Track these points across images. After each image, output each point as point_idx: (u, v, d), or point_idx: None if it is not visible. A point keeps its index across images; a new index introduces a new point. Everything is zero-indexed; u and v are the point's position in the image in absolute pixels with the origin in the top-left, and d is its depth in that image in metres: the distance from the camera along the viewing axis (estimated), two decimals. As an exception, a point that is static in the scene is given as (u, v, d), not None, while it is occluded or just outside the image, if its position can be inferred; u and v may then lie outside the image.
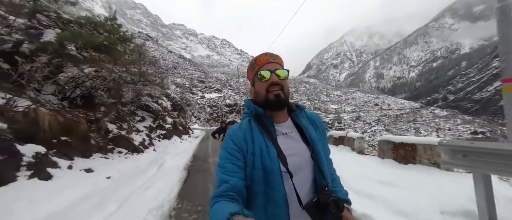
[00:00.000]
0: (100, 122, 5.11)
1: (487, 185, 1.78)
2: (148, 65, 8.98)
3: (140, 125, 8.57)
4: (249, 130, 0.75)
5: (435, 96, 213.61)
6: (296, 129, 0.78)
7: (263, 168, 0.68)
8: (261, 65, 0.77)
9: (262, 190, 0.68)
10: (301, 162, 0.72)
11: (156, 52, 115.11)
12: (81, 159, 3.98)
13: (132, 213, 2.32)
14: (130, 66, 6.37)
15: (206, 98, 78.55)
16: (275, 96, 0.73)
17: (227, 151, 0.72)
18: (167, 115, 12.14)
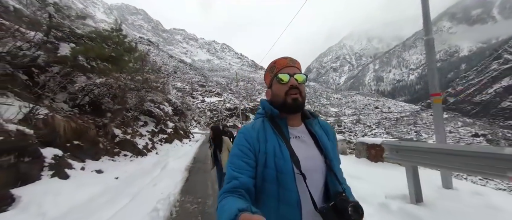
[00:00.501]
0: (107, 127, 5.44)
1: (414, 173, 2.31)
2: (151, 73, 9.41)
3: (143, 129, 8.87)
4: (262, 130, 0.75)
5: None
6: (309, 135, 0.79)
7: (276, 168, 0.68)
8: (280, 68, 0.78)
9: (274, 190, 0.67)
10: (314, 166, 0.72)
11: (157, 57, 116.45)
12: (91, 161, 4.31)
13: (143, 203, 2.68)
14: (134, 75, 6.78)
15: (207, 102, 79.06)
16: (293, 100, 0.74)
17: (239, 149, 0.72)
18: (168, 119, 12.46)
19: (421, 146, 2.34)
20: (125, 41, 6.36)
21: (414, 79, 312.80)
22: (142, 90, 7.90)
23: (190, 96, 77.81)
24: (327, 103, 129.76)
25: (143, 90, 7.92)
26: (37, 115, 3.40)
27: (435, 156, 2.07)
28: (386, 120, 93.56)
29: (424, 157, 2.18)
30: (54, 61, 4.33)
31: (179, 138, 13.06)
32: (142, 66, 8.19)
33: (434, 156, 2.08)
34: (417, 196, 2.26)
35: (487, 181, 10.92)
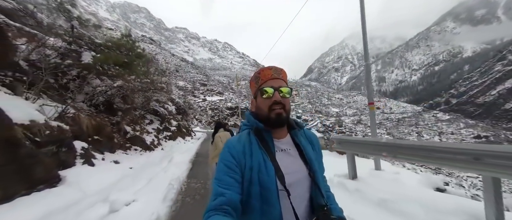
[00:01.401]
0: (120, 124, 6.14)
1: (352, 159, 3.32)
2: (157, 75, 10.10)
3: (149, 127, 9.56)
4: (248, 144, 0.75)
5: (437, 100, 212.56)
6: (294, 146, 0.79)
7: (260, 184, 0.68)
8: (264, 80, 0.77)
9: (258, 206, 0.67)
10: (299, 180, 0.72)
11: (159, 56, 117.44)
12: (109, 153, 4.99)
13: (159, 182, 3.46)
14: (142, 77, 7.47)
15: (208, 101, 79.74)
16: (277, 115, 0.73)
17: (225, 164, 0.71)
18: (172, 118, 13.18)
19: (359, 140, 3.81)
20: (136, 46, 7.05)
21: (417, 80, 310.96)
22: (149, 91, 8.58)
23: (191, 95, 78.58)
24: (329, 103, 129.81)
25: (150, 91, 8.60)
26: (68, 113, 4.08)
27: (359, 146, 3.33)
28: (388, 120, 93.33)
29: (355, 147, 3.38)
30: (79, 67, 5.02)
31: (182, 135, 13.78)
32: (148, 68, 8.86)
33: (359, 145, 3.35)
34: (353, 174, 3.30)
35: (404, 165, 12.86)
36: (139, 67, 7.21)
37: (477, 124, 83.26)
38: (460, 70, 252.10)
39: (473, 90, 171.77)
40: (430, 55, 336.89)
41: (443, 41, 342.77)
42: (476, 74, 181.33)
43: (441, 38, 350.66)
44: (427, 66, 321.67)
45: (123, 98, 7.45)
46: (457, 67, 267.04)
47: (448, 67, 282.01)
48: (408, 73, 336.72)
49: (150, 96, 9.18)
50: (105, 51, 5.58)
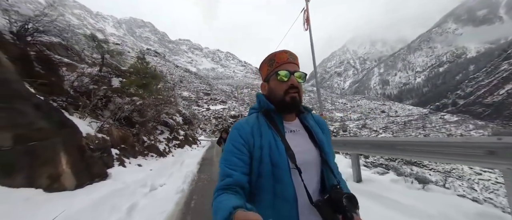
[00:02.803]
0: (139, 135, 7.34)
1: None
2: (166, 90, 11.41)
3: (161, 137, 10.74)
4: (257, 124, 0.74)
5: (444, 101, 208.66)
6: (304, 128, 0.79)
7: (271, 163, 0.67)
8: (280, 63, 0.75)
9: (270, 185, 0.66)
10: (309, 159, 0.72)
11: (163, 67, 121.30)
12: (133, 158, 6.12)
13: (178, 175, 4.89)
14: (156, 94, 8.75)
15: (212, 110, 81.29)
16: (292, 99, 0.73)
17: (233, 145, 0.71)
18: (180, 128, 14.38)
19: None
20: (150, 67, 8.38)
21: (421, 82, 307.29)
22: (160, 105, 9.83)
23: (196, 105, 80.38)
24: (332, 108, 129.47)
25: (161, 105, 9.85)
26: (104, 127, 5.27)
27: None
28: (394, 124, 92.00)
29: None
30: (111, 91, 6.30)
31: (189, 144, 14.93)
32: (156, 86, 10.18)
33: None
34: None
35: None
36: (153, 86, 8.50)
37: (487, 125, 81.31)
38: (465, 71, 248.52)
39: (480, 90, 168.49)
40: (433, 56, 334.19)
41: (445, 42, 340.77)
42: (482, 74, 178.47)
43: (444, 40, 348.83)
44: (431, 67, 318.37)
45: (140, 112, 8.69)
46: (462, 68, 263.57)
47: (452, 68, 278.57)
48: (412, 76, 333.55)
49: (160, 109, 10.43)
50: (128, 76, 6.90)
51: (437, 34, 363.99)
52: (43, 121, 3.06)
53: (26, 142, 2.78)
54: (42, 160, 2.91)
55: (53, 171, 3.02)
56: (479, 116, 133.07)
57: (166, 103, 10.56)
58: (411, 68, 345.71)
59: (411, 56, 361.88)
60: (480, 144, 1.86)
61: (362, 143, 3.41)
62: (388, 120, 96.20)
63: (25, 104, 2.94)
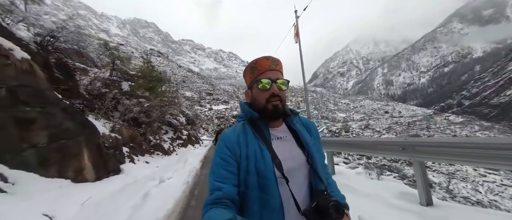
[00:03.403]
0: (146, 135, 7.88)
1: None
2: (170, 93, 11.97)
3: (165, 136, 11.28)
4: (243, 134, 0.74)
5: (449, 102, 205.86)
6: (290, 133, 0.77)
7: (257, 173, 0.66)
8: (261, 71, 0.74)
9: (256, 196, 0.65)
10: (297, 166, 0.70)
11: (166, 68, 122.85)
12: (141, 156, 6.65)
13: (183, 171, 5.18)
14: (161, 96, 9.29)
15: (214, 110, 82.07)
16: (274, 107, 0.72)
17: (220, 157, 0.70)
18: (183, 128, 14.94)
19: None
20: (156, 72, 8.93)
21: (426, 82, 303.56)
22: (165, 106, 10.38)
23: (198, 105, 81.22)
24: (335, 108, 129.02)
25: (166, 106, 10.40)
26: (116, 127, 5.80)
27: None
28: (397, 124, 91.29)
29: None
30: (121, 94, 6.85)
31: (192, 143, 15.47)
32: (161, 88, 10.72)
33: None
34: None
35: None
36: (158, 89, 9.04)
37: (493, 126, 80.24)
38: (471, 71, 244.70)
39: (486, 91, 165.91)
40: (438, 56, 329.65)
41: (450, 42, 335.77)
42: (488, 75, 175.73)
43: (449, 40, 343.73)
44: (435, 68, 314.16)
45: (146, 113, 9.24)
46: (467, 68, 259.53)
47: (458, 68, 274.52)
48: (416, 76, 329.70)
49: (165, 110, 10.98)
50: (136, 79, 7.47)
51: (442, 34, 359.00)
52: (69, 122, 3.59)
53: (57, 140, 3.30)
54: (69, 156, 3.43)
55: (77, 165, 3.54)
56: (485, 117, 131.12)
57: (170, 104, 11.10)
58: (415, 68, 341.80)
59: (416, 56, 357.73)
60: (397, 143, 2.62)
61: (332, 143, 4.09)
62: (391, 120, 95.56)
63: (55, 108, 3.46)
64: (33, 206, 2.24)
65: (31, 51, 4.39)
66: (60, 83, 4.98)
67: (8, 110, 2.85)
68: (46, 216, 2.19)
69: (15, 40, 4.16)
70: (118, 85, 7.06)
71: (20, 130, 2.92)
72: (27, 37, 4.88)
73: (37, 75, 3.40)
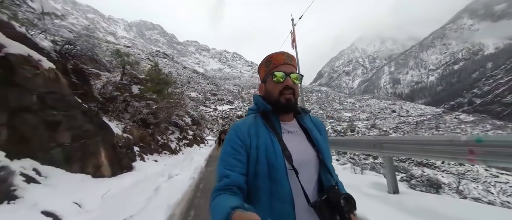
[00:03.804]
0: (154, 135, 8.34)
1: None
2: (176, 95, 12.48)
3: (172, 137, 11.78)
4: (254, 125, 0.75)
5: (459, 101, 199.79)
6: (301, 129, 0.79)
7: (267, 163, 0.68)
8: (276, 65, 0.76)
9: (267, 186, 0.67)
10: (306, 160, 0.72)
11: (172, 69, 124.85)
12: (150, 155, 7.10)
13: (189, 169, 5.47)
14: (168, 98, 9.77)
15: (219, 110, 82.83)
16: (286, 100, 0.73)
17: (230, 145, 0.71)
18: (189, 129, 15.46)
19: None
20: (163, 75, 9.41)
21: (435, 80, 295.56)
22: (171, 108, 10.85)
23: (203, 105, 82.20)
24: (340, 107, 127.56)
25: (172, 108, 10.87)
26: (127, 128, 6.25)
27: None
28: (405, 124, 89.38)
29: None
30: (132, 97, 7.33)
31: (197, 143, 15.97)
32: (168, 90, 11.21)
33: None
34: None
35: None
36: (165, 91, 9.51)
37: (506, 125, 77.50)
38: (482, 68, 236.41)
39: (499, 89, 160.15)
40: (448, 54, 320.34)
41: (460, 39, 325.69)
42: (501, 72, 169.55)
43: (459, 36, 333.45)
44: (445, 65, 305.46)
45: (153, 114, 9.72)
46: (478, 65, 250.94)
47: (468, 66, 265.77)
48: (424, 74, 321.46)
49: (172, 111, 11.46)
50: (145, 83, 7.96)
51: (452, 30, 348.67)
52: (88, 124, 4.01)
53: (79, 140, 3.72)
54: (89, 154, 3.85)
55: (96, 162, 3.96)
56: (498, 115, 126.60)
57: (176, 106, 11.57)
58: (423, 66, 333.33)
59: (424, 53, 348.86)
60: (370, 141, 3.06)
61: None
62: (399, 120, 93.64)
63: (77, 112, 3.89)
64: (64, 195, 2.64)
65: (52, 59, 4.87)
66: (77, 88, 5.46)
67: (39, 114, 3.28)
68: (76, 203, 2.58)
69: (39, 49, 4.64)
70: (129, 88, 7.55)
71: (49, 131, 3.35)
72: (48, 46, 5.37)
73: (61, 82, 3.84)
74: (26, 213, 1.98)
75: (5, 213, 1.87)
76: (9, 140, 2.83)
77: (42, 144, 3.22)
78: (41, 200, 2.25)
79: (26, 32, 4.88)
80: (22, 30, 4.77)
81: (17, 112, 3.03)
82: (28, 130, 3.08)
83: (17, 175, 2.34)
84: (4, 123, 2.85)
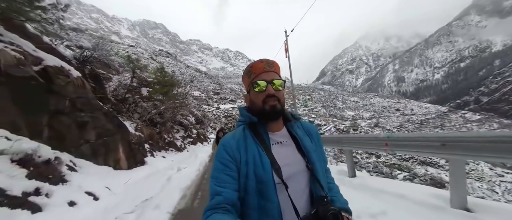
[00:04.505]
0: (161, 133, 9.02)
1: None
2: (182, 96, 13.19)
3: (177, 135, 12.49)
4: (243, 139, 0.74)
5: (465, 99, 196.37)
6: (291, 139, 0.77)
7: (256, 179, 0.66)
8: (257, 74, 0.75)
9: (255, 202, 0.65)
10: (297, 172, 0.70)
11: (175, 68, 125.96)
12: (158, 152, 7.79)
13: (194, 163, 6.18)
14: (173, 99, 10.47)
15: (222, 109, 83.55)
16: (271, 107, 0.72)
17: (220, 162, 0.70)
18: (193, 127, 16.18)
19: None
20: (168, 77, 10.08)
21: (440, 78, 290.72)
22: (177, 108, 11.53)
23: (206, 104, 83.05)
24: (343, 106, 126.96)
25: (177, 108, 11.55)
26: (138, 127, 6.93)
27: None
28: (409, 122, 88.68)
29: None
30: (141, 99, 8.01)
31: (201, 141, 16.68)
32: (176, 91, 11.88)
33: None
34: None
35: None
36: (171, 93, 10.18)
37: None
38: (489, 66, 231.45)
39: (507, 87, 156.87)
40: (454, 51, 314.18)
41: (467, 36, 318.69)
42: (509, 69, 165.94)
43: (465, 33, 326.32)
44: (451, 63, 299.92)
45: (160, 114, 10.41)
46: (486, 63, 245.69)
47: (475, 63, 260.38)
48: (429, 72, 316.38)
49: (177, 111, 12.15)
50: (153, 85, 8.66)
51: (458, 27, 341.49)
52: (109, 124, 4.67)
53: (102, 137, 4.38)
54: (110, 149, 4.51)
55: (115, 156, 4.62)
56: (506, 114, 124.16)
57: (181, 106, 12.25)
58: (429, 64, 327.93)
59: (429, 51, 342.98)
60: (334, 138, 3.82)
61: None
62: (403, 118, 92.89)
63: (99, 113, 4.55)
64: (96, 181, 3.29)
65: (74, 66, 5.53)
66: (95, 91, 6.14)
67: (71, 116, 3.94)
68: (107, 188, 3.23)
69: (63, 58, 5.31)
70: (139, 90, 8.23)
71: (79, 130, 4.01)
72: (69, 55, 6.06)
73: (86, 88, 4.50)
74: (76, 192, 2.63)
75: (64, 190, 2.51)
76: (49, 137, 3.49)
77: (74, 141, 3.88)
78: (82, 183, 2.90)
79: (51, 43, 5.56)
80: (47, 40, 5.45)
81: (55, 115, 3.69)
82: (63, 129, 3.73)
83: (64, 164, 2.98)
84: (45, 123, 3.51)
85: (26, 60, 3.38)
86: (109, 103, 6.84)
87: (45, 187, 2.28)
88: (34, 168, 2.38)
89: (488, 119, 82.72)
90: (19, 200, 1.96)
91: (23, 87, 3.12)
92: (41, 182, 2.28)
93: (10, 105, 2.88)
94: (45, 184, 2.32)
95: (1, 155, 2.15)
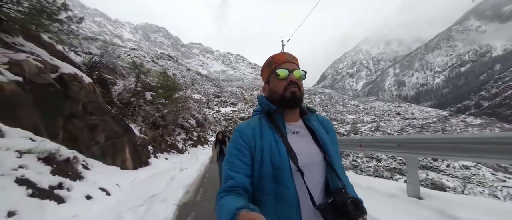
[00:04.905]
0: (164, 136, 9.35)
1: None
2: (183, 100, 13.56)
3: (178, 137, 12.81)
4: (258, 126, 0.74)
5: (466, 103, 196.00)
6: (307, 130, 0.78)
7: (272, 164, 0.67)
8: (278, 64, 0.76)
9: (272, 188, 0.66)
10: (312, 162, 0.70)
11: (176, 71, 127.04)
12: (161, 154, 8.11)
13: (196, 165, 6.46)
14: (175, 103, 10.83)
15: (222, 112, 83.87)
16: (292, 93, 0.72)
17: (235, 147, 0.71)
18: (193, 130, 16.52)
19: None
20: (171, 81, 10.46)
21: (441, 82, 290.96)
22: (178, 111, 11.89)
23: (206, 107, 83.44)
24: (344, 110, 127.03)
25: (179, 111, 11.91)
26: (142, 130, 7.26)
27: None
28: (410, 126, 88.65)
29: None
30: (145, 103, 8.37)
31: (201, 143, 17.00)
32: (173, 94, 12.26)
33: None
34: None
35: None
36: (173, 96, 10.54)
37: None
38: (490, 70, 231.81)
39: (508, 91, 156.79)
40: (454, 55, 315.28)
41: (467, 40, 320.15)
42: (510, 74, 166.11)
43: (465, 38, 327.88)
44: (451, 67, 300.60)
45: (162, 117, 10.76)
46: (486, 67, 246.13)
47: (476, 68, 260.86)
48: (430, 76, 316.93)
49: (178, 114, 12.49)
50: (156, 90, 9.06)
51: (458, 32, 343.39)
52: (117, 126, 5.01)
53: (110, 139, 4.71)
54: (117, 150, 4.84)
55: (122, 157, 4.94)
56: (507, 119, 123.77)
57: (183, 109, 12.61)
58: (429, 68, 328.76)
59: (429, 55, 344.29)
60: None
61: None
62: (403, 122, 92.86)
63: (108, 116, 4.89)
64: (107, 179, 3.60)
65: (84, 72, 5.89)
66: (103, 96, 6.50)
67: (83, 119, 4.29)
68: (116, 185, 3.54)
69: (74, 64, 5.68)
70: (143, 94, 8.62)
71: (90, 132, 4.35)
72: (79, 61, 6.44)
73: (97, 93, 4.85)
74: (92, 187, 2.95)
75: (81, 186, 2.83)
76: (64, 139, 3.82)
77: (86, 142, 4.21)
78: (96, 180, 3.21)
79: (63, 51, 5.95)
80: (60, 48, 5.84)
81: (69, 118, 4.03)
82: (76, 132, 4.07)
83: (80, 163, 3.30)
84: (61, 126, 3.85)
85: (45, 68, 3.75)
86: (115, 107, 7.19)
87: (67, 182, 2.60)
88: (57, 165, 2.71)
89: (490, 123, 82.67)
90: (47, 192, 2.28)
91: (44, 93, 3.47)
92: (63, 178, 2.60)
93: (33, 110, 3.22)
94: (66, 179, 2.64)
95: (29, 154, 2.48)
